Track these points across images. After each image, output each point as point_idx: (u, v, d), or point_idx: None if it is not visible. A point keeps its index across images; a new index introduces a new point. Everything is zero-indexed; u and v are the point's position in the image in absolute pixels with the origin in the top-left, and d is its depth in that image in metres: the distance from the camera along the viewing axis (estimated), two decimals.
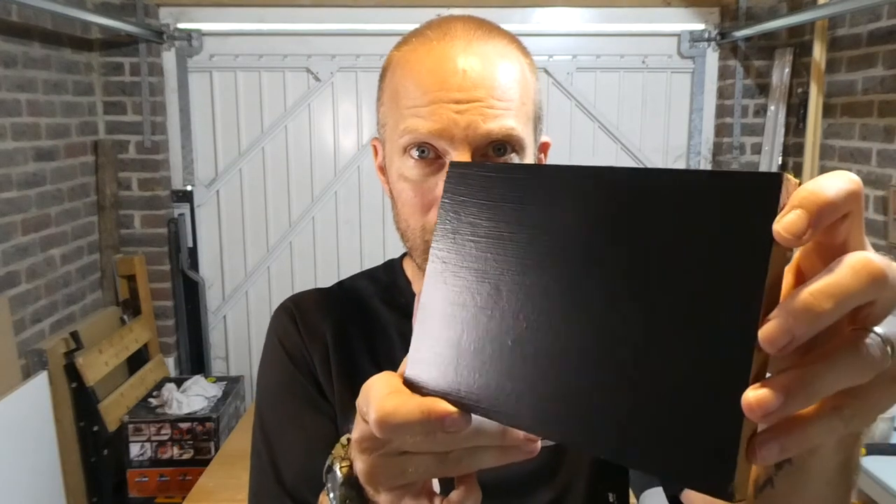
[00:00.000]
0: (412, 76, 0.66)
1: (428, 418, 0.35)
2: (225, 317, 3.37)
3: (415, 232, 0.69)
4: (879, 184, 2.53)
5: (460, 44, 0.66)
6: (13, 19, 2.47)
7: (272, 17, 3.12)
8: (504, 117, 0.64)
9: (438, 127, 0.63)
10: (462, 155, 0.64)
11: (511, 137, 0.65)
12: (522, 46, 0.72)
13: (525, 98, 0.68)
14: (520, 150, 0.67)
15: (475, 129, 0.63)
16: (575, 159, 3.28)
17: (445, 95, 0.63)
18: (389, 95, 0.69)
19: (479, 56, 0.65)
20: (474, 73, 0.64)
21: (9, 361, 2.34)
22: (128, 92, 3.06)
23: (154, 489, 2.71)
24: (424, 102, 0.64)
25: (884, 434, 1.93)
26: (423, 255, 0.69)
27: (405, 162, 0.67)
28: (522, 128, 0.67)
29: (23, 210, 2.52)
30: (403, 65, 0.68)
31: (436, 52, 0.66)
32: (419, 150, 0.65)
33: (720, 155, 3.24)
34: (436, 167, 0.66)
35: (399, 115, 0.67)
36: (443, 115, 0.63)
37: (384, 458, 0.38)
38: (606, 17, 3.17)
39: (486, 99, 0.64)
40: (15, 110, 2.48)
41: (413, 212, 0.68)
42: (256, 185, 3.27)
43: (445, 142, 0.64)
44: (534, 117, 0.70)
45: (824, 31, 2.76)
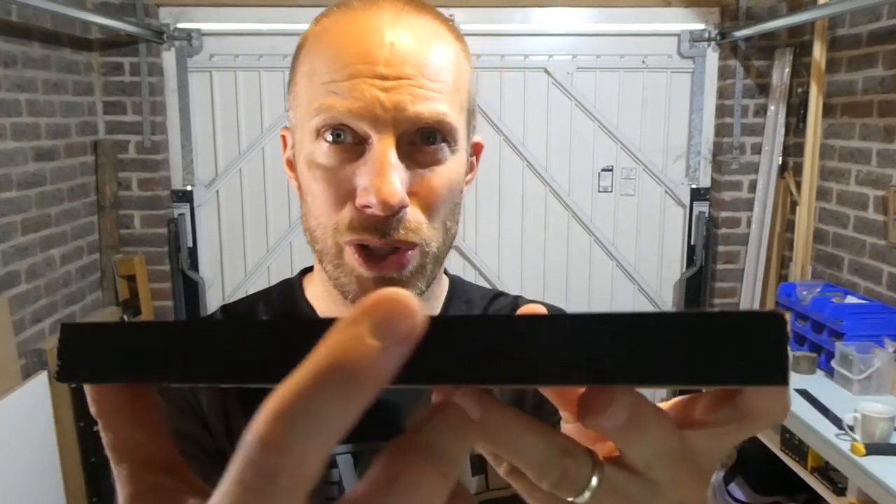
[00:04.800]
0: (330, 48, 0.57)
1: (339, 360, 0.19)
2: None
3: (325, 231, 0.59)
4: (879, 184, 2.53)
5: (388, 15, 0.57)
6: (13, 19, 2.47)
7: (272, 17, 3.12)
8: (436, 100, 0.56)
9: (359, 105, 0.54)
10: (386, 139, 0.55)
11: (443, 124, 0.57)
12: (457, 30, 0.64)
13: (459, 84, 0.59)
14: (451, 141, 0.58)
15: (402, 111, 0.54)
16: (575, 159, 3.28)
17: (369, 69, 0.54)
18: (303, 73, 0.60)
19: (410, 30, 0.57)
20: (403, 48, 0.55)
21: (9, 361, 2.34)
22: (128, 92, 3.06)
23: None
24: (343, 77, 0.55)
25: (884, 434, 1.93)
26: (334, 261, 0.59)
27: (318, 146, 0.57)
28: (456, 115, 0.58)
29: (23, 210, 2.52)
30: (321, 36, 0.59)
31: (359, 22, 0.57)
32: (334, 134, 0.56)
33: (720, 155, 3.24)
34: (353, 154, 0.56)
35: (313, 94, 0.57)
36: (365, 92, 0.54)
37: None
38: (606, 17, 3.17)
39: (415, 77, 0.55)
40: (15, 110, 2.48)
41: (324, 206, 0.58)
42: (256, 185, 3.27)
43: (367, 123, 0.55)
44: (468, 108, 0.62)
45: (824, 31, 2.76)
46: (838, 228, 2.77)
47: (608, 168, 3.31)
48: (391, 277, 0.57)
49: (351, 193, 0.57)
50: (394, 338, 0.19)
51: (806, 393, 2.26)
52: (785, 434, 2.30)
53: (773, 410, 0.26)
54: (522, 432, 0.25)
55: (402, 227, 0.56)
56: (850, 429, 1.98)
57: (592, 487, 0.26)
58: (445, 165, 0.59)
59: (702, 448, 0.27)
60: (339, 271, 0.59)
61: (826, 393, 2.25)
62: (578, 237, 3.36)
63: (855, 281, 2.67)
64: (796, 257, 2.97)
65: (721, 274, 3.30)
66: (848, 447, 1.91)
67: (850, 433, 1.98)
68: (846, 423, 2.00)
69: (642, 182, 3.32)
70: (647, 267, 3.40)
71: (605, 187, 3.33)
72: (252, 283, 3.34)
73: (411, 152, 0.57)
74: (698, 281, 3.37)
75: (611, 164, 3.31)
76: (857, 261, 2.66)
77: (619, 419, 0.24)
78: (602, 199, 3.34)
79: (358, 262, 0.57)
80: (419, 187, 0.57)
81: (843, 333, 2.33)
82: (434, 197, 0.58)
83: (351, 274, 0.59)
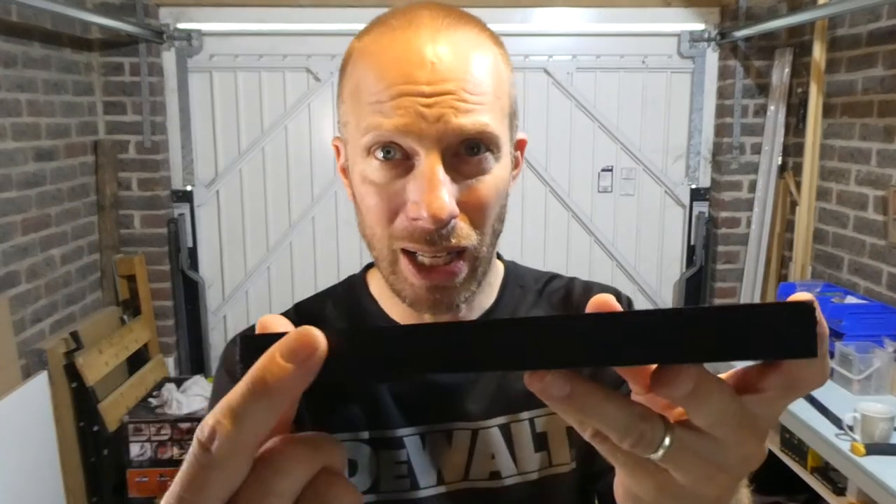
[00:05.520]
0: (374, 68, 0.60)
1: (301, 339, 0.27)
2: (225, 317, 3.37)
3: (381, 241, 0.63)
4: (879, 184, 2.53)
5: (427, 32, 0.59)
6: (13, 19, 2.47)
7: (272, 17, 3.12)
8: (477, 112, 0.59)
9: (404, 122, 0.57)
10: (432, 154, 0.58)
11: (485, 134, 0.59)
12: (495, 36, 0.66)
13: (499, 91, 0.62)
14: (495, 149, 0.61)
15: (446, 124, 0.57)
16: (575, 159, 3.29)
17: (412, 88, 0.57)
18: (350, 91, 0.63)
19: (449, 45, 0.59)
20: (443, 64, 0.58)
21: (9, 361, 2.34)
22: (128, 92, 3.06)
23: (154, 489, 2.71)
24: (388, 97, 0.58)
25: (884, 434, 1.93)
26: (390, 267, 0.63)
27: (369, 164, 0.61)
28: (497, 124, 0.61)
29: (23, 210, 2.52)
30: (365, 56, 0.62)
31: (399, 42, 0.60)
32: (384, 151, 0.59)
33: (720, 155, 3.24)
34: (402, 169, 0.60)
35: (361, 112, 0.60)
36: (409, 110, 0.57)
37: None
38: (606, 17, 3.17)
39: (457, 91, 0.58)
40: (15, 110, 2.48)
41: (378, 219, 0.62)
42: (256, 185, 3.27)
43: (413, 139, 0.58)
44: (509, 113, 0.65)
45: (824, 31, 2.76)
46: (838, 228, 2.77)
47: (608, 168, 3.31)
48: (444, 285, 0.61)
49: (402, 206, 0.60)
50: (297, 360, 0.26)
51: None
52: (785, 434, 2.30)
53: (812, 378, 0.31)
54: (605, 402, 0.30)
55: (452, 237, 0.60)
56: (850, 429, 1.98)
57: (665, 446, 0.31)
58: (491, 174, 0.62)
59: (758, 411, 0.32)
60: (395, 278, 0.64)
61: (826, 393, 2.25)
62: (578, 237, 3.36)
63: (855, 281, 2.67)
64: (796, 257, 2.97)
65: (721, 274, 3.30)
66: (848, 447, 1.91)
67: (850, 433, 1.97)
68: (846, 423, 2.00)
69: (642, 182, 3.33)
70: (647, 267, 3.40)
71: (605, 187, 3.33)
72: (252, 283, 3.34)
73: (457, 164, 0.60)
74: (698, 281, 3.37)
75: (611, 164, 3.31)
76: (856, 261, 2.66)
77: (686, 388, 0.29)
78: (602, 199, 3.34)
79: (411, 273, 0.61)
80: (467, 198, 0.61)
81: (842, 333, 2.33)
82: (481, 206, 0.62)
83: (405, 281, 0.63)
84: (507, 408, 0.71)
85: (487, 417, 0.71)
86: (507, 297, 0.76)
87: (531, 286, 0.79)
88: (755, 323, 0.27)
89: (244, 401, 0.26)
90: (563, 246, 3.35)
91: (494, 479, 0.71)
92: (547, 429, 0.72)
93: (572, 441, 0.72)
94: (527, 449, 0.71)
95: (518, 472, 0.71)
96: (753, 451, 0.32)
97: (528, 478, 0.71)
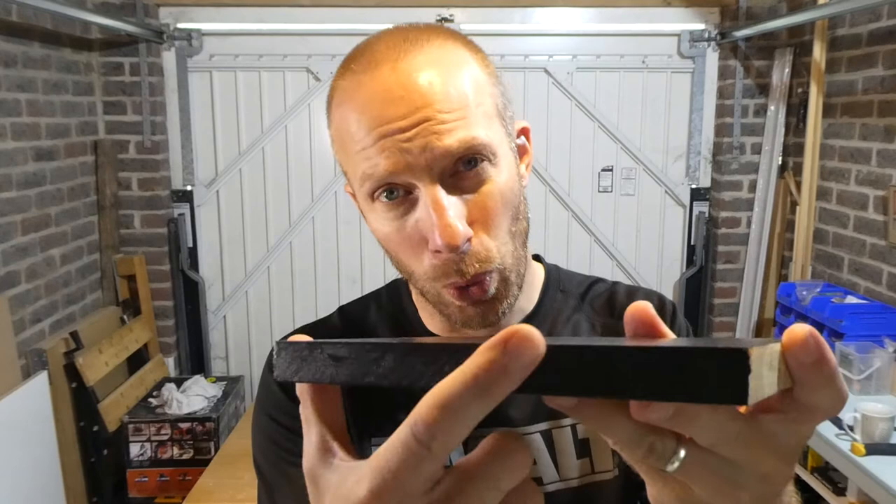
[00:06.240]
0: (351, 114, 0.61)
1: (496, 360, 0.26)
2: (225, 317, 3.37)
3: (423, 280, 0.64)
4: (879, 184, 2.53)
5: (387, 67, 0.60)
6: (13, 19, 2.47)
7: (272, 17, 3.12)
8: (459, 128, 0.59)
9: (392, 162, 0.58)
10: (430, 185, 0.58)
11: (474, 147, 0.59)
12: (465, 39, 0.66)
13: (478, 97, 0.61)
14: (490, 156, 0.61)
15: (432, 151, 0.58)
16: (575, 159, 3.29)
17: (389, 128, 0.58)
18: (338, 139, 0.65)
19: (412, 72, 0.59)
20: (413, 95, 0.58)
21: (9, 361, 2.34)
22: (128, 92, 3.06)
23: (154, 489, 2.71)
24: (370, 142, 0.59)
25: (884, 434, 1.93)
26: (435, 299, 0.65)
27: (376, 209, 0.63)
28: (485, 131, 0.60)
29: (23, 210, 2.52)
30: (342, 101, 0.63)
31: (365, 88, 0.60)
32: (386, 193, 0.61)
33: (720, 155, 3.24)
34: (409, 205, 0.61)
35: (352, 162, 0.62)
36: (393, 150, 0.58)
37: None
38: (606, 17, 3.17)
39: (433, 116, 0.58)
40: (15, 110, 2.48)
41: (409, 259, 0.64)
42: (256, 185, 3.27)
43: (407, 176, 0.59)
44: (497, 112, 0.64)
45: (824, 31, 2.76)
46: (838, 228, 2.77)
47: (608, 168, 3.31)
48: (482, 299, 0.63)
49: (423, 241, 0.61)
50: (519, 362, 0.26)
51: None
52: None
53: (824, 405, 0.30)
54: (612, 415, 0.30)
55: (475, 261, 0.61)
56: (850, 429, 1.98)
57: (681, 458, 0.31)
58: (492, 181, 0.62)
59: (777, 430, 0.31)
60: (442, 306, 0.66)
61: None
62: (578, 237, 3.36)
63: (855, 281, 2.67)
64: (796, 257, 2.97)
65: (721, 274, 3.30)
66: (848, 447, 1.91)
67: (850, 433, 1.98)
68: (846, 423, 2.00)
69: (642, 182, 3.33)
70: (647, 267, 3.40)
71: (605, 187, 3.33)
72: (252, 283, 3.34)
73: (456, 181, 0.61)
74: (698, 281, 3.37)
75: (611, 164, 3.31)
76: (857, 261, 2.66)
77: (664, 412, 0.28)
78: (602, 199, 3.34)
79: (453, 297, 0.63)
80: (476, 213, 0.61)
81: (843, 333, 2.33)
82: (491, 216, 0.62)
83: (451, 306, 0.64)
84: (550, 414, 0.71)
85: (530, 423, 0.71)
86: (547, 302, 0.77)
87: (573, 291, 0.79)
88: (684, 365, 0.26)
89: (461, 397, 0.26)
90: (563, 246, 3.35)
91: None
92: (589, 435, 0.72)
93: None
94: (569, 455, 0.71)
95: (560, 478, 0.71)
96: (773, 470, 0.32)
97: (570, 484, 0.71)
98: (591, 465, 0.71)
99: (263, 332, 3.36)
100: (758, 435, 0.31)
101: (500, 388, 0.26)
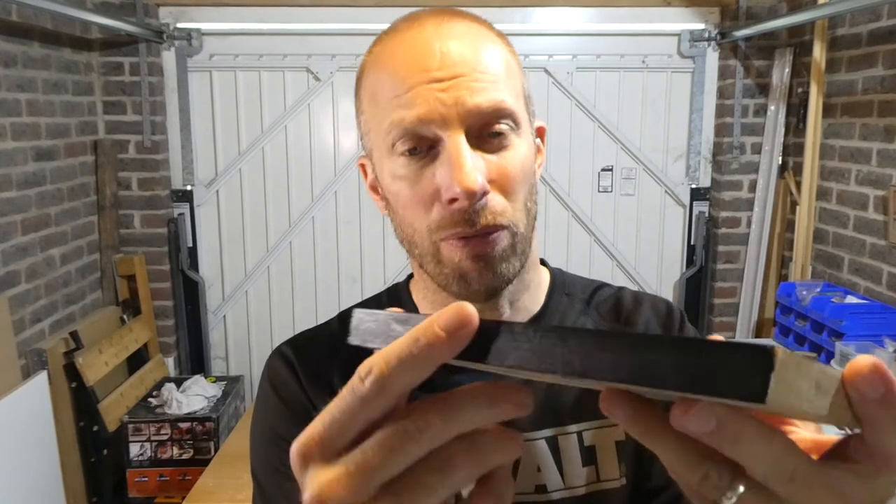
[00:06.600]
0: (387, 70, 0.62)
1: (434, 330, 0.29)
2: (225, 317, 3.37)
3: (422, 235, 0.63)
4: (879, 184, 2.53)
5: (432, 27, 0.62)
6: (13, 19, 2.47)
7: (272, 17, 3.12)
8: (491, 90, 0.60)
9: (425, 110, 0.59)
10: (455, 135, 0.59)
11: (502, 111, 0.60)
12: (501, 33, 0.68)
13: (510, 74, 0.63)
14: (515, 125, 0.62)
15: (463, 105, 0.59)
16: (575, 159, 3.29)
17: (425, 76, 0.59)
18: (368, 98, 0.65)
19: (455, 36, 0.62)
20: (452, 52, 0.60)
21: (9, 361, 2.34)
22: (128, 92, 3.06)
23: (154, 489, 2.71)
24: (405, 90, 0.60)
25: None
26: (434, 259, 0.64)
27: (396, 161, 0.62)
28: (514, 101, 0.62)
29: (23, 210, 2.52)
30: (377, 64, 0.64)
31: (407, 41, 0.62)
32: (410, 148, 0.61)
33: (720, 155, 3.24)
34: (429, 159, 0.61)
35: (382, 114, 0.62)
36: (427, 98, 0.59)
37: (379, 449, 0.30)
38: (606, 16, 3.17)
39: (469, 73, 0.60)
40: (15, 110, 2.48)
41: (416, 211, 0.63)
42: (256, 184, 3.27)
43: (436, 125, 0.59)
44: (524, 95, 0.66)
45: (824, 30, 2.76)
46: (838, 228, 2.77)
47: (608, 168, 3.31)
48: (486, 254, 0.61)
49: (436, 193, 0.61)
50: (449, 331, 0.29)
51: None
52: None
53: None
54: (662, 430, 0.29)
55: (488, 213, 0.60)
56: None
57: (739, 493, 0.29)
58: (514, 148, 0.63)
59: (846, 481, 0.29)
60: (440, 267, 0.64)
61: None
62: (578, 237, 3.36)
63: (855, 281, 2.67)
64: (796, 257, 2.97)
65: (721, 274, 3.30)
66: None
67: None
68: None
69: (642, 182, 3.33)
70: (647, 267, 3.40)
71: (605, 187, 3.33)
72: (252, 283, 3.34)
73: (480, 143, 0.61)
74: (698, 281, 3.37)
75: (611, 164, 3.31)
76: (857, 261, 2.66)
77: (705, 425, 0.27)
78: (602, 199, 3.34)
79: (455, 248, 0.62)
80: (495, 174, 0.61)
81: (843, 333, 2.33)
82: (510, 179, 0.62)
83: (450, 263, 0.63)
84: (555, 420, 0.70)
85: (535, 429, 0.70)
86: (553, 304, 0.76)
87: (578, 294, 0.79)
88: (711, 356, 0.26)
89: (399, 353, 0.29)
90: (563, 246, 3.35)
91: (540, 493, 0.69)
92: (595, 442, 0.71)
93: (622, 456, 0.70)
94: (574, 463, 0.70)
95: (565, 486, 0.69)
96: None
97: (576, 492, 0.69)
98: (597, 473, 0.70)
99: (263, 332, 3.36)
100: (823, 480, 0.29)
101: (436, 354, 0.29)
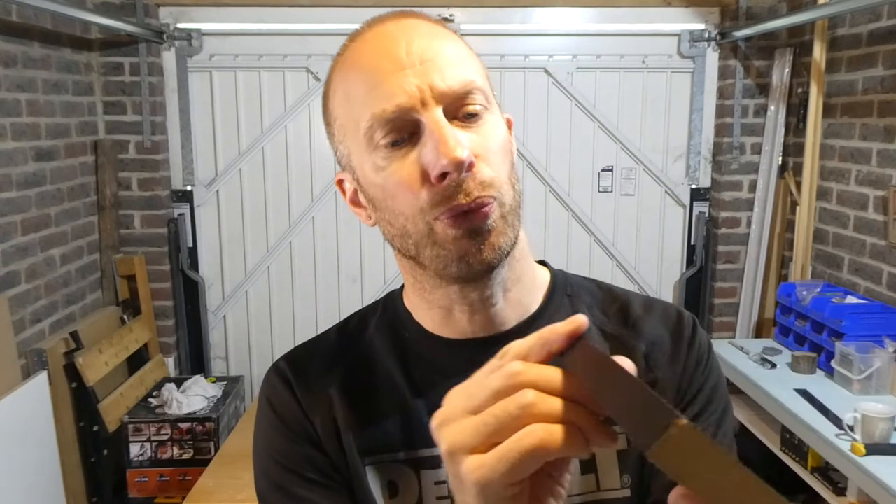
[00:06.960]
0: (357, 68, 0.63)
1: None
2: (225, 317, 3.37)
3: (415, 219, 0.62)
4: (879, 184, 2.53)
5: (392, 25, 0.64)
6: (13, 19, 2.47)
7: (272, 17, 3.12)
8: (462, 72, 0.62)
9: (404, 98, 0.59)
10: (434, 113, 0.59)
11: (475, 88, 0.61)
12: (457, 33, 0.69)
13: (473, 61, 0.65)
14: (486, 102, 0.63)
15: (436, 87, 0.60)
16: (575, 159, 3.29)
17: (396, 65, 0.60)
18: (340, 103, 0.66)
19: (416, 29, 0.64)
20: (417, 44, 0.62)
21: (9, 361, 2.34)
22: (128, 92, 3.06)
23: (154, 489, 2.71)
24: (378, 83, 0.60)
25: (884, 434, 1.93)
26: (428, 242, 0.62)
27: (378, 154, 0.62)
28: (482, 81, 0.63)
29: (23, 210, 2.52)
30: (345, 66, 0.65)
31: (371, 39, 0.64)
32: (392, 141, 0.61)
33: (720, 155, 3.24)
34: (410, 145, 0.61)
35: (358, 111, 0.62)
36: (402, 84, 0.59)
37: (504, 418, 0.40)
38: (606, 17, 3.17)
39: (436, 58, 0.61)
40: (15, 110, 2.48)
41: (405, 197, 0.61)
42: (256, 185, 3.27)
43: (415, 110, 0.59)
44: (488, 84, 0.66)
45: (824, 31, 2.76)
46: (838, 228, 2.77)
47: (608, 168, 3.31)
48: (480, 227, 0.61)
49: (424, 175, 0.60)
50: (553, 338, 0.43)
51: (806, 393, 2.26)
52: (785, 434, 2.30)
53: None
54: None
55: (478, 183, 0.60)
56: (850, 429, 1.98)
57: None
58: (490, 124, 0.64)
59: None
60: (436, 248, 0.63)
61: (826, 393, 2.25)
62: (578, 237, 3.36)
63: (855, 281, 2.67)
64: (796, 257, 2.97)
65: (721, 274, 3.30)
66: (848, 447, 1.91)
67: (850, 433, 1.97)
68: (846, 423, 2.00)
69: (642, 182, 3.33)
70: (647, 267, 3.40)
71: (605, 187, 3.33)
72: (252, 283, 3.34)
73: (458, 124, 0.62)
74: (698, 281, 3.37)
75: (611, 164, 3.31)
76: (857, 261, 2.66)
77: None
78: (602, 199, 3.34)
79: (448, 225, 0.61)
80: (477, 147, 0.61)
81: (843, 333, 2.33)
82: (491, 152, 0.62)
83: (445, 242, 0.62)
84: None
85: None
86: (553, 304, 0.74)
87: (582, 296, 0.77)
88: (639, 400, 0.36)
89: (530, 346, 0.42)
90: (563, 246, 3.35)
91: None
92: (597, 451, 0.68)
93: (624, 467, 0.69)
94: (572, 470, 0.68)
95: None
96: None
97: (573, 501, 0.68)
98: (597, 482, 0.69)
99: (263, 332, 3.36)
100: None
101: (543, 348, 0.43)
